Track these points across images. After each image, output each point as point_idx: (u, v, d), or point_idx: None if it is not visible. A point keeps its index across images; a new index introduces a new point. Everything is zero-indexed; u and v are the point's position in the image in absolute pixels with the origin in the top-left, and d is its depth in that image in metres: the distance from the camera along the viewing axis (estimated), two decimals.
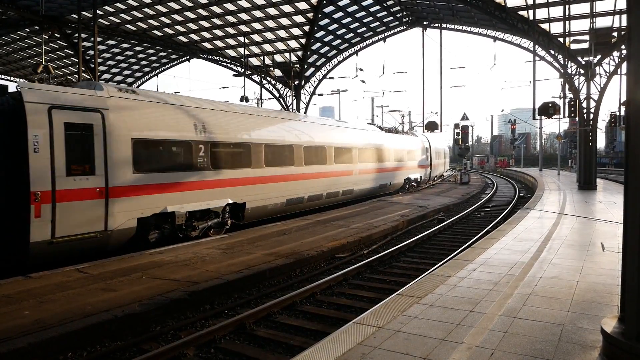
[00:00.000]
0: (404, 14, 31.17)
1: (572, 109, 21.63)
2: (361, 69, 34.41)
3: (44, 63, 20.33)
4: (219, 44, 34.30)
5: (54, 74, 17.83)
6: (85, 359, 5.29)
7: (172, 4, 27.57)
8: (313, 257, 9.71)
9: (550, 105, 21.22)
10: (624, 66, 22.11)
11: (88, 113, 9.35)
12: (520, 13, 22.42)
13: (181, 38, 33.47)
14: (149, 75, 43.33)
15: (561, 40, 22.49)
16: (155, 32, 32.19)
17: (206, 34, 32.60)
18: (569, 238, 9.93)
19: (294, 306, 7.20)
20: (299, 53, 33.94)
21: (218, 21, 29.96)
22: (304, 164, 15.79)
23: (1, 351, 4.83)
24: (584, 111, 22.46)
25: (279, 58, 34.90)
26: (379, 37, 33.85)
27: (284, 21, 29.61)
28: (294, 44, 32.91)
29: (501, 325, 4.87)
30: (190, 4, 27.42)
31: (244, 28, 30.74)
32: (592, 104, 22.55)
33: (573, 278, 6.70)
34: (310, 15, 28.64)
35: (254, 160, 13.56)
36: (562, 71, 22.89)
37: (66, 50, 35.40)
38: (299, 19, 29.20)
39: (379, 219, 14.69)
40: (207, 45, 34.78)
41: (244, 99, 32.03)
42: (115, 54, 37.85)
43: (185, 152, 11.39)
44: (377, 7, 29.23)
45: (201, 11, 28.39)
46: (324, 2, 27.27)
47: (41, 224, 8.41)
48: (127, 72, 42.67)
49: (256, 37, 32.36)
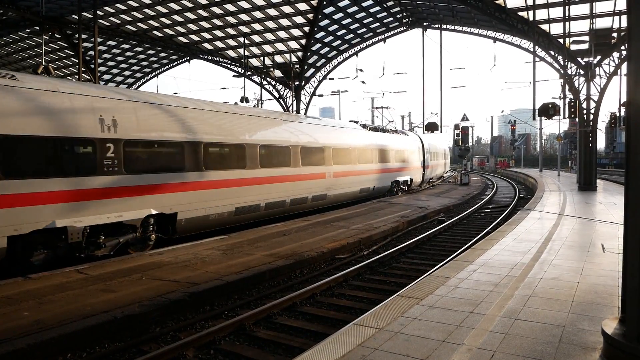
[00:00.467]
0: (404, 14, 31.22)
1: (572, 109, 21.63)
2: (361, 70, 34.50)
3: (44, 63, 20.29)
4: (219, 44, 34.34)
5: (54, 74, 17.82)
6: None
7: (173, 5, 27.63)
8: (313, 258, 9.71)
9: (550, 106, 21.23)
10: (624, 67, 22.13)
11: None
12: (520, 14, 22.45)
13: (181, 39, 33.52)
14: (150, 76, 43.44)
15: (561, 41, 22.51)
16: (155, 32, 32.24)
17: (206, 35, 32.64)
18: (569, 239, 9.92)
19: (294, 307, 7.19)
20: (299, 54, 33.96)
21: (218, 22, 30.00)
22: (260, 166, 13.90)
23: (1, 352, 4.82)
24: (584, 112, 22.46)
25: (279, 59, 34.94)
26: (379, 38, 33.90)
27: (284, 22, 29.66)
28: (294, 44, 32.93)
29: (501, 326, 4.86)
30: (190, 5, 27.47)
31: (244, 29, 30.78)
32: (592, 104, 22.55)
33: (573, 279, 6.69)
34: (310, 16, 28.67)
35: (190, 162, 11.51)
36: (562, 72, 22.90)
37: (66, 50, 35.46)
38: (299, 19, 29.24)
39: (379, 219, 14.68)
40: (207, 46, 34.83)
41: (244, 99, 32.05)
42: (115, 54, 37.93)
43: (85, 153, 9.35)
44: (377, 8, 29.27)
45: (201, 12, 28.44)
46: (324, 3, 27.30)
47: None
48: (127, 73, 42.75)
49: (256, 38, 32.40)
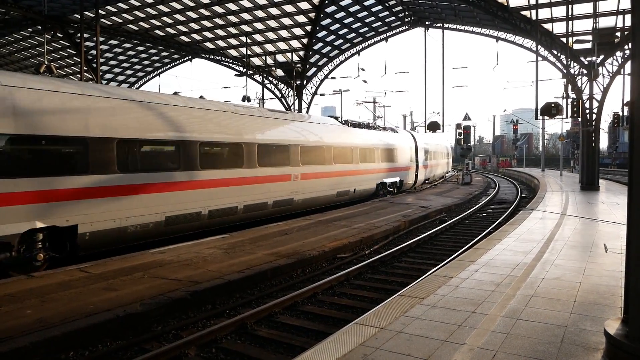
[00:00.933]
0: (406, 13, 31.16)
1: (575, 109, 21.59)
2: (363, 69, 34.44)
3: (46, 63, 20.32)
4: (221, 43, 34.34)
5: (56, 73, 17.85)
6: (87, 358, 5.29)
7: (174, 4, 27.61)
8: (315, 257, 9.71)
9: (552, 105, 21.18)
10: (627, 66, 22.06)
11: None
12: (523, 13, 22.40)
13: (183, 38, 33.52)
14: (151, 75, 43.43)
15: (564, 40, 22.44)
16: (157, 31, 32.26)
17: (208, 34, 32.64)
18: (571, 239, 9.90)
19: (296, 306, 7.19)
20: (301, 53, 33.94)
21: (220, 21, 30.00)
22: (201, 167, 12.01)
23: (3, 350, 4.84)
24: (587, 111, 22.41)
25: (280, 58, 34.92)
26: (381, 37, 33.84)
27: (286, 21, 29.65)
28: (295, 43, 32.91)
29: (503, 326, 4.85)
30: (192, 4, 27.45)
31: (245, 28, 30.78)
32: (595, 104, 22.50)
33: (575, 279, 6.68)
34: (312, 15, 28.64)
35: (96, 162, 9.56)
36: (564, 71, 22.84)
37: (69, 50, 35.49)
38: (300, 18, 29.22)
39: (380, 219, 14.68)
40: (209, 45, 34.83)
41: (246, 98, 32.05)
42: (117, 53, 37.95)
43: None
44: (379, 7, 29.21)
45: (203, 11, 28.43)
46: (326, 1, 27.26)
47: None
48: (129, 72, 42.76)
49: (258, 37, 32.39)
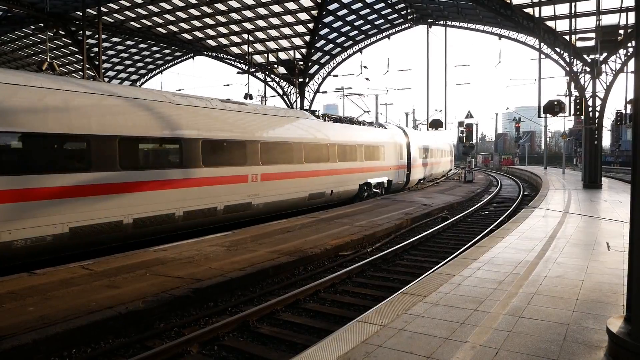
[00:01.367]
0: (409, 11, 31.07)
1: (578, 107, 21.51)
2: (365, 67, 34.38)
3: (48, 60, 20.32)
4: (223, 41, 34.32)
5: (58, 71, 17.86)
6: (89, 355, 5.30)
7: (176, 2, 27.61)
8: (317, 254, 9.71)
9: (555, 103, 21.14)
10: (630, 64, 21.97)
11: None
12: (526, 10, 22.30)
13: (185, 35, 33.52)
14: (154, 73, 43.46)
15: (567, 37, 22.36)
16: (159, 29, 32.25)
17: (210, 32, 32.62)
18: (574, 237, 9.88)
19: (298, 304, 7.19)
20: (303, 50, 33.89)
21: (222, 18, 29.98)
22: (122, 167, 10.02)
23: (6, 347, 4.85)
24: (590, 109, 22.33)
25: (283, 55, 34.87)
26: (384, 34, 33.76)
27: (288, 19, 29.60)
28: (298, 41, 32.87)
29: (506, 324, 4.84)
30: (194, 2, 27.43)
31: (248, 25, 30.75)
32: (598, 102, 22.40)
33: (578, 277, 6.66)
34: (314, 12, 28.60)
35: None
36: (567, 69, 22.76)
37: (71, 47, 35.52)
38: (303, 16, 29.18)
39: (382, 217, 14.67)
40: (211, 42, 34.82)
41: (248, 96, 32.04)
42: (119, 51, 37.97)
43: None
44: (382, 5, 29.14)
45: (205, 8, 28.41)
46: None
47: None
48: (131, 70, 42.79)
49: (260, 35, 32.37)
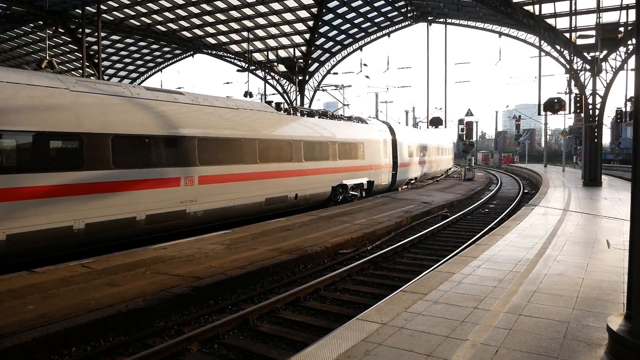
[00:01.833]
0: (409, 9, 31.04)
1: (578, 104, 21.48)
2: (365, 65, 34.37)
3: (48, 58, 20.32)
4: (223, 39, 34.27)
5: (58, 69, 17.85)
6: (89, 353, 5.30)
7: None
8: (317, 252, 9.71)
9: (555, 101, 21.10)
10: (630, 62, 21.95)
11: None
12: (526, 8, 22.30)
13: (185, 33, 33.47)
14: (153, 71, 43.42)
15: (567, 35, 22.32)
16: (159, 27, 32.21)
17: (210, 29, 32.58)
18: (574, 235, 9.88)
19: (298, 302, 7.20)
20: (303, 48, 33.86)
21: (222, 16, 29.94)
22: (26, 168, 8.66)
23: (6, 345, 4.85)
24: (590, 107, 22.31)
25: (282, 53, 34.85)
26: (384, 32, 33.74)
27: (288, 16, 29.56)
28: (297, 39, 32.83)
29: (506, 322, 4.84)
30: None
31: (247, 23, 30.71)
32: (598, 99, 22.39)
33: (578, 275, 6.66)
34: (314, 10, 28.56)
35: None
36: (567, 67, 22.73)
37: (70, 45, 35.47)
38: (302, 14, 29.14)
39: (382, 215, 14.67)
40: (211, 40, 34.77)
41: (248, 94, 32.02)
42: (119, 49, 37.93)
43: None
44: (382, 2, 29.12)
45: (205, 6, 28.37)
46: None
47: None
48: (131, 68, 42.74)
49: (260, 33, 32.33)
